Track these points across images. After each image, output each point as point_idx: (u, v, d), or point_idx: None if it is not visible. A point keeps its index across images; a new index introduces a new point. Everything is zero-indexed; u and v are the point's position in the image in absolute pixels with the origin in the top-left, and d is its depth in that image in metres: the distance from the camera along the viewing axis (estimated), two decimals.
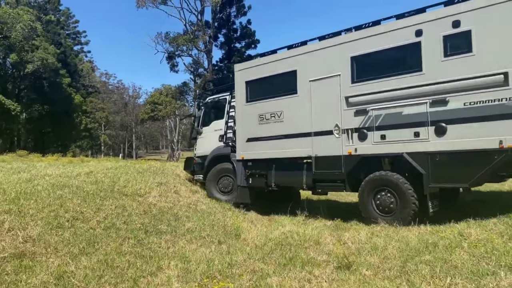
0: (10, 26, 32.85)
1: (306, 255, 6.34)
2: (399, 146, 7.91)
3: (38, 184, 8.53)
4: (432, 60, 7.50)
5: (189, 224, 8.14)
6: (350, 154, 8.61)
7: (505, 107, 6.68)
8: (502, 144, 6.74)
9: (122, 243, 6.37)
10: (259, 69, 10.41)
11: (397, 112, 7.91)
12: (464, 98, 7.13)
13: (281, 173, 10.10)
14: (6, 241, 5.72)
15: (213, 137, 11.90)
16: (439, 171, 7.47)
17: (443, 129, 7.35)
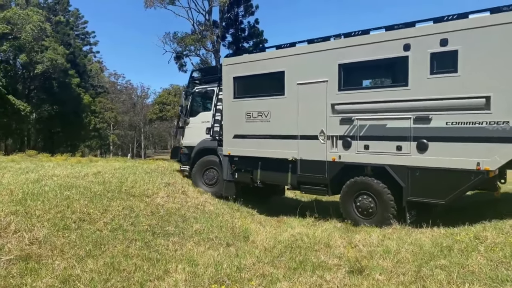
0: (20, 27, 33.10)
1: (316, 258, 6.19)
2: (382, 157, 8.02)
3: (45, 185, 8.48)
4: (418, 76, 7.50)
5: (197, 225, 8.02)
6: (334, 160, 8.71)
7: (484, 131, 6.80)
8: (479, 166, 6.91)
9: (129, 245, 6.26)
10: (247, 65, 10.28)
11: (381, 124, 7.98)
12: (446, 117, 7.22)
13: (267, 171, 10.18)
14: (12, 243, 5.65)
15: (200, 128, 11.88)
16: (418, 186, 7.64)
17: (424, 146, 7.47)
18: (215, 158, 11.37)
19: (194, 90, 12.42)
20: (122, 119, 68.59)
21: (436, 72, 7.30)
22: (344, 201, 8.77)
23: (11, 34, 33.19)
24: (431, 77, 7.34)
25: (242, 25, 47.55)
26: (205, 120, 11.82)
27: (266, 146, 9.92)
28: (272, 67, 9.69)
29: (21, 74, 39.80)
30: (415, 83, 7.53)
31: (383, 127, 7.95)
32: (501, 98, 6.67)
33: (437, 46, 7.25)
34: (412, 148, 7.62)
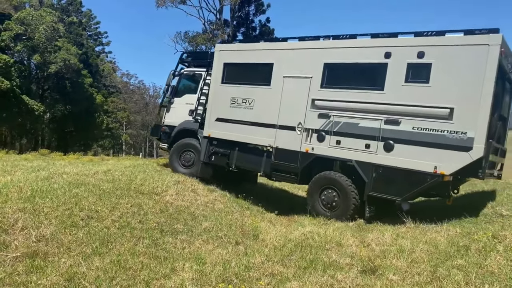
0: (33, 27, 33.52)
1: (327, 257, 6.01)
2: (351, 153, 8.61)
3: (55, 182, 8.45)
4: (394, 83, 8.09)
5: (206, 223, 7.90)
6: (307, 151, 9.23)
7: (445, 138, 7.45)
8: (436, 170, 7.54)
9: (136, 243, 6.17)
10: (239, 53, 10.80)
11: (355, 123, 8.57)
12: (414, 122, 7.83)
13: (243, 157, 10.62)
14: (19, 240, 5.60)
15: (183, 109, 12.09)
16: (379, 182, 8.24)
17: (390, 146, 8.07)
18: (194, 141, 11.68)
19: (183, 72, 12.60)
20: (135, 118, 69.05)
21: (410, 81, 7.90)
22: (311, 194, 9.31)
23: (25, 35, 33.65)
24: (405, 84, 7.95)
25: (253, 23, 47.40)
26: (189, 102, 12.06)
27: (246, 132, 10.34)
28: (262, 58, 10.21)
29: (35, 75, 40.36)
30: (390, 88, 8.12)
31: (356, 125, 8.54)
32: (463, 111, 7.33)
33: (414, 57, 7.86)
34: (379, 147, 8.21)
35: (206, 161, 11.24)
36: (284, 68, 9.73)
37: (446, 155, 7.46)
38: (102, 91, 52.29)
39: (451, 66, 7.52)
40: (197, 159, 11.55)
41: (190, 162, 11.76)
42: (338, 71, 9.06)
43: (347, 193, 8.66)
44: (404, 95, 7.95)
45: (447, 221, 7.75)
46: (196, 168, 11.54)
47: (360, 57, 8.60)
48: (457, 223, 7.93)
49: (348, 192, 8.65)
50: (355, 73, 8.90)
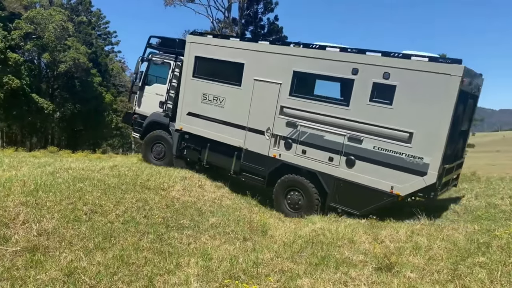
0: (43, 26, 33.62)
1: (340, 254, 5.72)
2: (315, 164, 8.78)
3: (59, 177, 8.28)
4: (359, 100, 8.16)
5: (213, 219, 7.66)
6: (274, 157, 9.35)
7: (403, 161, 7.66)
8: (392, 190, 7.82)
9: (140, 238, 5.95)
10: (210, 48, 10.41)
11: (320, 135, 8.67)
12: (375, 142, 8.00)
13: (214, 154, 10.62)
14: (20, 234, 5.42)
15: (154, 99, 11.83)
16: (339, 195, 8.51)
17: (352, 162, 8.28)
18: (164, 134, 11.59)
19: (151, 57, 12.10)
20: None
21: (375, 101, 7.97)
22: (277, 195, 9.51)
23: (34, 34, 33.78)
24: (370, 103, 8.02)
25: (261, 22, 47.08)
26: (159, 93, 11.75)
27: (217, 130, 10.28)
28: (233, 57, 9.95)
29: (45, 74, 40.57)
30: (355, 105, 8.21)
31: (321, 137, 8.65)
32: (421, 136, 7.48)
33: (380, 77, 7.86)
34: (341, 162, 8.42)
35: (178, 155, 11.21)
36: (254, 70, 9.58)
37: (402, 177, 7.72)
38: (111, 90, 52.41)
39: (414, 90, 7.57)
40: (168, 151, 11.51)
41: (161, 155, 11.71)
42: (306, 80, 9.10)
43: (311, 195, 8.90)
44: (367, 113, 8.05)
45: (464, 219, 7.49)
46: (167, 160, 11.49)
47: (328, 70, 8.59)
48: (474, 220, 7.62)
49: (311, 194, 8.90)
50: (322, 85, 9.10)
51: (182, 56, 11.09)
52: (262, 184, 9.79)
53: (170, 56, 11.57)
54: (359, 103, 8.14)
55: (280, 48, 9.39)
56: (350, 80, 8.21)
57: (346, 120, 8.27)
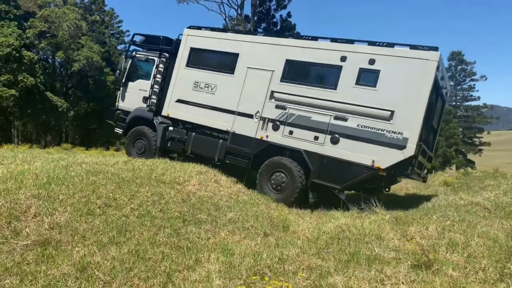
0: (57, 25, 33.78)
1: (369, 251, 5.32)
2: (301, 143, 9.34)
3: (72, 171, 8.04)
4: (346, 84, 8.95)
5: (231, 214, 7.31)
6: (261, 138, 9.87)
7: (384, 137, 8.36)
8: (373, 163, 8.43)
9: (157, 233, 5.63)
10: (207, 40, 11.13)
11: (307, 116, 9.30)
12: (359, 120, 8.70)
13: (199, 142, 10.94)
14: (31, 227, 5.14)
15: (137, 95, 12.12)
16: (322, 171, 9.03)
17: (336, 140, 8.91)
18: (146, 129, 11.82)
19: (135, 55, 12.47)
20: None
21: (360, 84, 8.78)
22: (261, 177, 9.86)
23: (48, 32, 33.97)
24: (356, 86, 8.82)
25: (274, 19, 46.57)
26: (143, 88, 12.03)
27: (205, 115, 10.76)
28: (229, 48, 10.66)
29: (59, 72, 40.85)
30: (342, 88, 8.98)
31: (308, 118, 9.27)
32: (401, 114, 8.24)
33: (366, 63, 8.75)
34: (326, 140, 9.01)
35: (163, 147, 11.47)
36: (248, 59, 10.27)
37: (383, 151, 8.35)
38: None
39: (396, 74, 8.43)
40: (148, 146, 11.77)
41: (142, 150, 11.92)
42: (298, 68, 9.79)
43: (295, 177, 9.30)
44: (353, 95, 8.79)
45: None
46: (148, 155, 11.59)
47: (319, 58, 9.37)
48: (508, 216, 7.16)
49: (295, 176, 9.29)
50: (313, 71, 9.75)
51: (167, 52, 11.81)
52: (247, 165, 10.21)
53: (154, 52, 12.01)
54: (346, 86, 8.93)
55: (275, 39, 10.30)
56: (338, 67, 9.06)
57: (333, 102, 9.00)
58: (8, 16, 31.88)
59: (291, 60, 9.69)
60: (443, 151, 52.38)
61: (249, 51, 10.32)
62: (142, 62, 12.37)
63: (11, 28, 30.29)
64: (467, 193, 10.34)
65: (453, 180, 18.90)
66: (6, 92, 27.94)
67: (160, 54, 11.76)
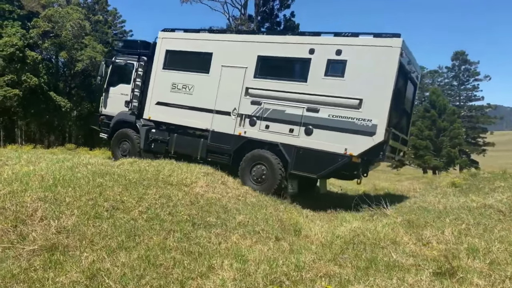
0: (60, 25, 33.70)
1: (387, 256, 5.13)
2: (277, 136, 9.54)
3: (78, 172, 7.89)
4: (315, 76, 9.14)
5: (240, 217, 7.14)
6: (240, 134, 10.07)
7: (354, 125, 8.57)
8: (346, 151, 8.66)
9: (166, 237, 5.47)
10: (181, 42, 11.34)
11: (282, 110, 9.50)
12: (330, 110, 8.91)
13: (181, 143, 11.13)
14: (37, 232, 4.99)
15: (119, 99, 12.32)
16: (299, 162, 9.23)
17: (310, 131, 9.12)
18: (129, 131, 12.03)
19: (115, 60, 12.74)
20: None
21: (329, 75, 8.98)
22: (242, 171, 10.01)
23: (52, 32, 33.89)
24: (325, 78, 9.01)
25: (277, 18, 46.38)
26: (124, 93, 12.22)
27: (185, 116, 10.92)
28: (202, 48, 10.85)
29: (62, 72, 40.77)
30: (312, 80, 9.15)
31: (283, 112, 9.47)
32: (369, 102, 8.45)
33: (333, 54, 8.94)
34: (301, 132, 9.23)
35: (146, 149, 11.63)
36: (222, 58, 10.45)
37: (354, 139, 8.56)
38: None
39: (362, 63, 8.60)
40: (132, 148, 11.98)
41: (126, 152, 12.08)
42: (270, 63, 9.97)
43: (274, 168, 9.51)
44: (323, 87, 8.98)
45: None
46: (132, 155, 11.63)
47: (288, 52, 9.59)
48: None
49: (275, 167, 9.50)
50: (284, 66, 9.90)
51: (145, 56, 12.00)
52: (228, 162, 10.36)
53: (133, 57, 12.23)
54: (316, 78, 9.12)
55: (247, 36, 10.67)
56: (307, 59, 9.25)
57: (305, 94, 9.20)
58: (11, 16, 31.82)
59: (263, 56, 9.91)
60: (447, 151, 52.03)
61: (222, 50, 10.53)
62: (122, 67, 12.59)
63: (15, 28, 30.23)
64: (478, 194, 10.15)
65: (461, 181, 18.70)
66: (10, 92, 27.86)
67: (139, 58, 12.01)
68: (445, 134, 52.83)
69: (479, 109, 60.23)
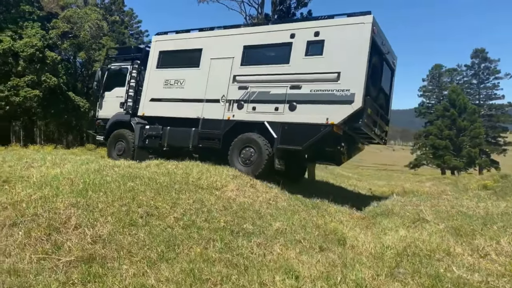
0: (79, 25, 33.84)
1: (449, 272, 4.69)
2: (263, 116, 10.07)
3: (107, 175, 7.63)
4: (297, 57, 9.85)
5: (276, 224, 6.76)
6: (229, 119, 10.62)
7: (334, 96, 9.14)
8: (327, 121, 9.09)
9: (206, 247, 5.12)
10: (173, 42, 12.23)
11: (267, 91, 10.14)
12: (311, 86, 9.51)
13: (174, 135, 11.64)
14: (73, 241, 4.70)
15: (114, 102, 13.01)
16: (285, 136, 9.70)
17: (294, 107, 9.68)
18: (124, 131, 12.60)
19: (110, 67, 13.65)
20: None
21: (309, 54, 9.70)
22: (232, 153, 10.47)
23: (71, 33, 34.05)
24: (306, 57, 9.74)
25: (294, 17, 45.95)
26: (119, 95, 12.91)
27: (177, 108, 11.57)
28: (192, 45, 11.72)
29: (81, 73, 41.01)
30: (294, 61, 9.87)
31: (268, 93, 10.09)
32: (346, 73, 9.08)
33: (312, 36, 9.70)
34: (285, 109, 9.77)
35: (141, 145, 12.13)
36: (211, 52, 11.27)
37: (334, 109, 9.06)
38: None
39: (338, 40, 9.34)
40: (127, 147, 12.47)
41: (121, 152, 12.57)
42: (254, 51, 10.69)
43: (261, 148, 9.98)
44: (304, 65, 9.67)
45: None
46: (126, 155, 12.24)
47: (271, 39, 10.39)
48: None
49: (262, 147, 9.97)
50: (266, 52, 10.66)
51: (138, 59, 12.88)
52: (218, 146, 10.84)
53: (127, 61, 13.13)
54: (297, 59, 9.80)
55: (232, 30, 11.27)
56: (289, 43, 9.99)
57: (288, 75, 9.84)
58: (32, 17, 32.00)
59: (248, 46, 10.68)
60: (467, 151, 50.79)
61: (211, 44, 11.37)
62: (116, 72, 13.41)
63: (35, 29, 30.38)
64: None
65: (492, 184, 18.01)
66: (30, 92, 27.97)
67: (133, 61, 12.86)
68: (465, 134, 51.55)
69: (500, 108, 58.65)
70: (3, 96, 27.31)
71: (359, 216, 9.57)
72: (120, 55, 14.51)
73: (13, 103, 27.66)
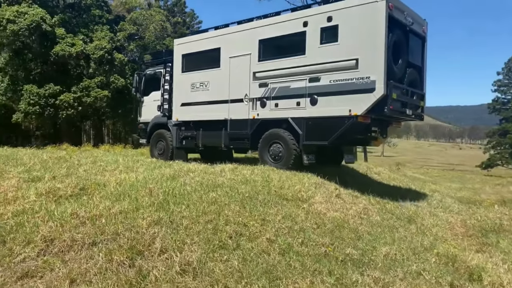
0: (144, 27, 34.63)
1: None
2: (286, 112, 9.74)
3: (184, 183, 6.99)
4: (312, 46, 9.31)
5: (383, 248, 5.67)
6: (254, 118, 10.35)
7: (354, 85, 8.65)
8: (350, 112, 8.66)
9: (313, 281, 4.18)
10: (193, 44, 11.94)
11: (287, 86, 9.74)
12: (330, 76, 8.99)
13: (206, 136, 11.69)
14: (159, 269, 3.98)
15: (152, 106, 13.27)
16: (310, 132, 9.36)
17: (315, 100, 9.24)
18: (164, 131, 12.84)
19: (146, 72, 13.93)
20: None
21: (324, 42, 9.13)
22: (261, 150, 10.25)
23: (137, 35, 34.92)
24: (321, 46, 9.19)
25: None
26: (156, 99, 13.16)
27: (206, 111, 11.48)
28: (211, 45, 11.41)
29: None
30: (310, 51, 9.35)
31: (288, 88, 9.70)
32: (365, 60, 8.49)
33: (325, 22, 9.07)
34: (307, 103, 9.37)
35: (179, 146, 12.31)
36: (229, 50, 10.91)
37: (356, 99, 8.55)
38: None
39: (353, 24, 8.70)
40: (166, 146, 12.73)
41: (162, 151, 12.91)
42: (269, 44, 10.23)
43: (288, 144, 9.62)
44: (321, 55, 9.13)
45: None
46: (166, 154, 12.59)
47: (285, 30, 9.82)
48: None
49: (289, 143, 9.61)
50: (281, 44, 10.13)
51: (170, 62, 12.76)
52: (248, 146, 10.82)
53: (160, 65, 13.27)
54: (313, 48, 9.29)
55: (246, 25, 10.79)
56: (302, 32, 9.45)
57: (305, 66, 9.34)
58: (101, 21, 33.25)
59: (263, 39, 10.24)
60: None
61: (228, 42, 11.02)
62: (152, 76, 13.64)
63: (104, 32, 31.46)
64: None
65: None
66: (100, 93, 28.99)
67: (165, 64, 12.91)
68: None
69: None
70: (76, 96, 28.53)
71: (464, 233, 8.21)
72: (153, 59, 14.96)
73: (84, 104, 28.80)
